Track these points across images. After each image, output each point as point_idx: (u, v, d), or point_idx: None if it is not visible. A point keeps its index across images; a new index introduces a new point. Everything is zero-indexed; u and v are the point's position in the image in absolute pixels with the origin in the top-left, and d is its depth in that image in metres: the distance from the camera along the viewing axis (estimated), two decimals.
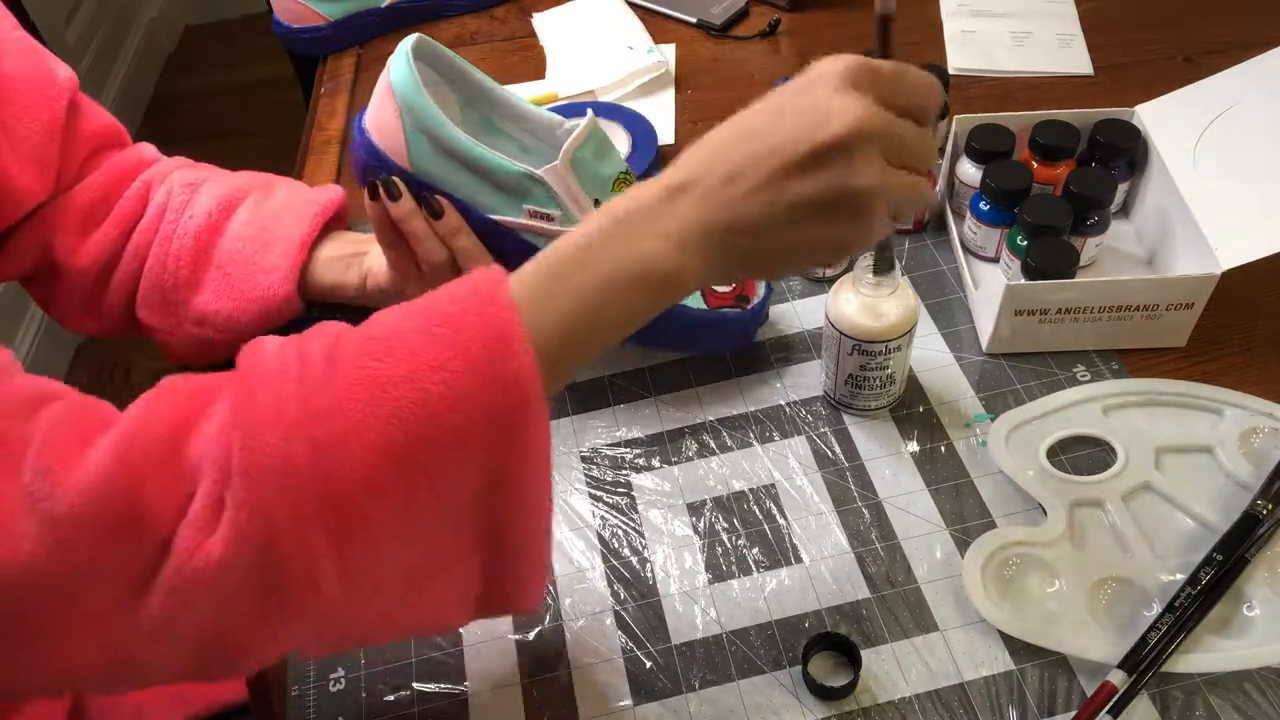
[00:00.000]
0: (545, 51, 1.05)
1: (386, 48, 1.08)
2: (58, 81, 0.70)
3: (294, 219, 0.72)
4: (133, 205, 0.72)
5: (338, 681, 0.59)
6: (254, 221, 0.72)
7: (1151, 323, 0.69)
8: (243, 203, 0.72)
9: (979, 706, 0.55)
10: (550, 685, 0.58)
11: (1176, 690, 0.55)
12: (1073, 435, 0.66)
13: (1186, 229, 0.70)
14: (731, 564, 0.62)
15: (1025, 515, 0.63)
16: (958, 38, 1.00)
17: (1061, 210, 0.70)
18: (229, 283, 0.70)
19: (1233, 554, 0.58)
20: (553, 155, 0.63)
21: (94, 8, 2.42)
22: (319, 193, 0.74)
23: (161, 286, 0.71)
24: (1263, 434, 0.64)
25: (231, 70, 2.67)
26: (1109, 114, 0.77)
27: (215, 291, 0.71)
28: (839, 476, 0.66)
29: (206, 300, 0.71)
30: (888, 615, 0.59)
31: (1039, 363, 0.70)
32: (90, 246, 0.71)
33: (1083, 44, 0.98)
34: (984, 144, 0.76)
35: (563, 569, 0.63)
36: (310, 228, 0.71)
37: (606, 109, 0.92)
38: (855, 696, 0.56)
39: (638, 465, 0.68)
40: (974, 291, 0.73)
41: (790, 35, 1.04)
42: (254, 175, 0.76)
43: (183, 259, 0.70)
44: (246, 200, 0.73)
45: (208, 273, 0.71)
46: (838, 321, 0.64)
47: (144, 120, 2.53)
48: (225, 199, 0.72)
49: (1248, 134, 0.71)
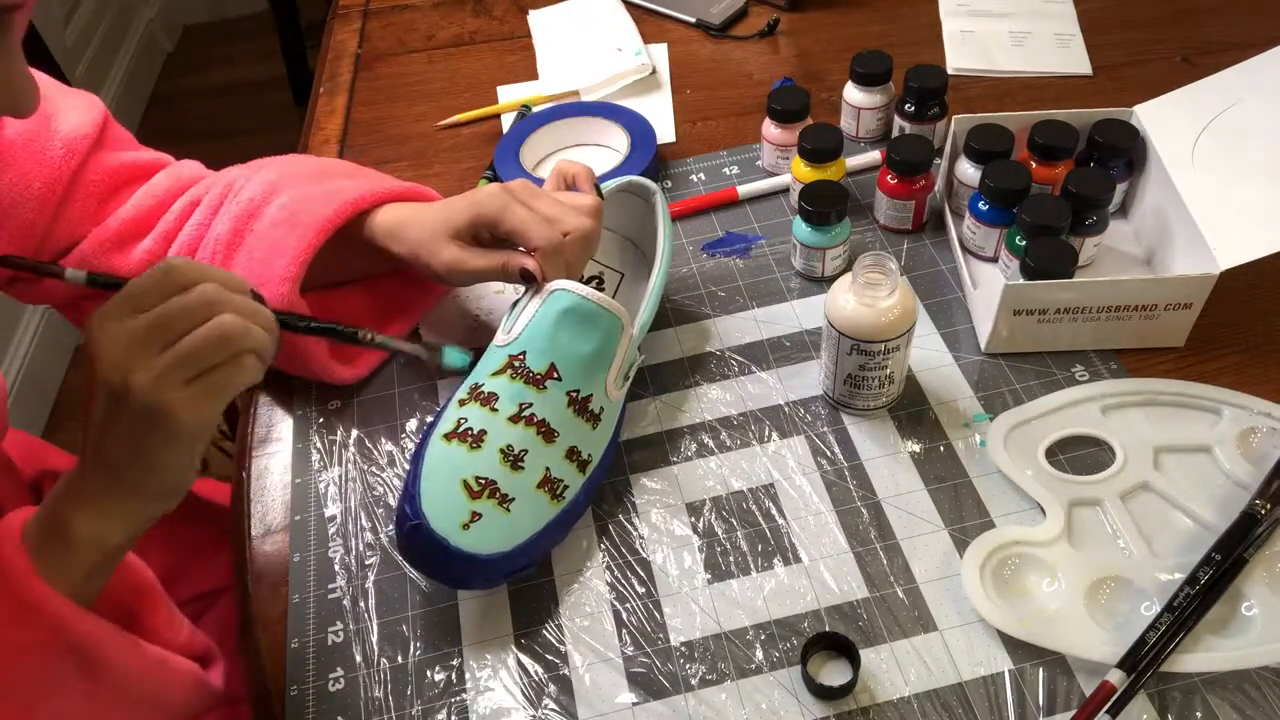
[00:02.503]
0: (536, 50, 1.05)
1: (386, 43, 1.09)
2: (53, 147, 0.68)
3: (325, 204, 0.69)
4: (178, 220, 0.71)
5: (337, 681, 0.59)
6: (289, 205, 0.69)
7: (1150, 323, 0.69)
8: (288, 188, 0.70)
9: (978, 706, 0.55)
10: (550, 686, 0.58)
11: (1175, 690, 0.55)
12: (1071, 435, 0.66)
13: (1185, 229, 0.70)
14: (730, 564, 0.62)
15: (1024, 515, 0.63)
16: (956, 38, 1.00)
17: (1060, 210, 0.70)
18: (252, 266, 0.68)
19: (1231, 554, 0.58)
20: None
21: (93, 8, 2.42)
22: (374, 182, 0.71)
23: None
24: (1261, 434, 0.65)
25: (231, 70, 2.67)
26: (1108, 114, 0.77)
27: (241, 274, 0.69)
28: (838, 476, 0.66)
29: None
30: (886, 615, 0.59)
31: (1038, 362, 0.70)
32: (136, 255, 0.70)
33: (1081, 44, 0.98)
34: (983, 144, 0.76)
35: (562, 569, 0.63)
36: (335, 213, 0.68)
37: (606, 109, 0.92)
38: (854, 696, 0.56)
39: (637, 465, 0.68)
40: (973, 291, 0.73)
41: (789, 35, 1.04)
42: (331, 162, 0.75)
43: (221, 241, 0.69)
44: (293, 187, 0.71)
45: (237, 254, 0.69)
46: (836, 321, 0.64)
47: (143, 120, 2.53)
48: (272, 184, 0.70)
49: (1246, 134, 0.72)
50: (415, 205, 0.70)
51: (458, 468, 0.60)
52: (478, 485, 0.59)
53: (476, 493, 0.59)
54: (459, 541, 0.57)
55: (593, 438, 0.63)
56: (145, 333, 0.49)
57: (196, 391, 0.49)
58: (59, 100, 0.70)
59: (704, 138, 0.93)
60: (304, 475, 0.69)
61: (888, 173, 0.79)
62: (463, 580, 0.60)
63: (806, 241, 0.76)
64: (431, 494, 0.59)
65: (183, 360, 0.49)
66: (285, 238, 0.67)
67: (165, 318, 0.49)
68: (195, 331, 0.49)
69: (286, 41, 2.39)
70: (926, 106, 0.85)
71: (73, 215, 0.70)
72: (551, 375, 0.62)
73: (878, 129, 0.89)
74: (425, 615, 0.62)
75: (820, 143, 0.79)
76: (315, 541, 0.66)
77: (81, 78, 2.26)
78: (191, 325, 0.49)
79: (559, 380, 0.62)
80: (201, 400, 0.50)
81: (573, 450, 0.62)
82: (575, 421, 0.62)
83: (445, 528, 0.57)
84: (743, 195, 0.85)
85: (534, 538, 0.60)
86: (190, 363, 0.49)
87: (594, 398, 0.63)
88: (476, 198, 0.67)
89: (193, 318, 0.49)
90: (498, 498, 0.59)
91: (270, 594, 0.64)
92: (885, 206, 0.80)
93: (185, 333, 0.49)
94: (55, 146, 0.68)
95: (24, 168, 0.66)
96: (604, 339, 0.63)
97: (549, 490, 0.61)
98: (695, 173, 0.89)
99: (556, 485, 0.61)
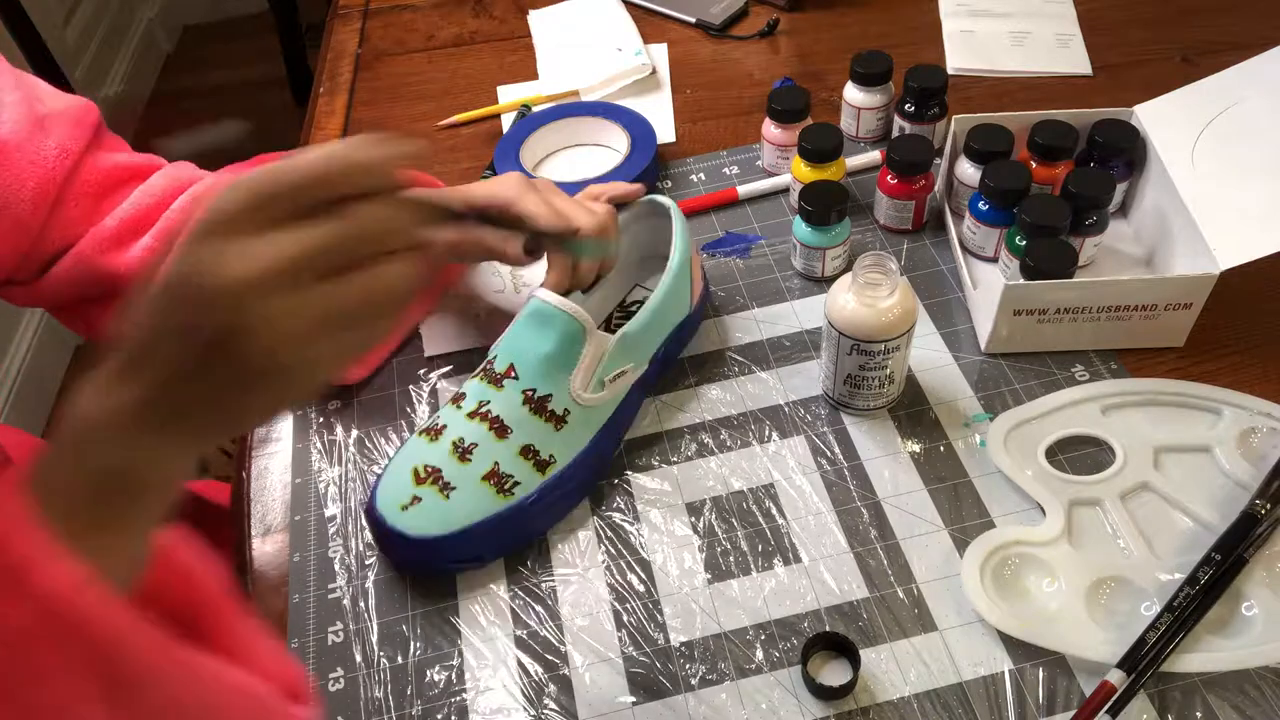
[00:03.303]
0: (536, 50, 1.05)
1: (386, 43, 1.09)
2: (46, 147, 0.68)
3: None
4: (180, 216, 0.71)
5: (337, 681, 0.59)
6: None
7: (1150, 323, 0.69)
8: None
9: (978, 706, 0.55)
10: (550, 685, 0.58)
11: (1175, 690, 0.55)
12: (1071, 435, 0.66)
13: (1185, 229, 0.70)
14: (730, 564, 0.62)
15: (1024, 515, 0.63)
16: (956, 38, 1.00)
17: (1060, 210, 0.70)
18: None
19: (1231, 553, 0.58)
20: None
21: (93, 8, 2.42)
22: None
23: None
24: (1261, 434, 0.65)
25: (231, 70, 2.67)
26: (1107, 114, 0.77)
27: None
28: (838, 476, 0.66)
29: None
30: (886, 615, 0.59)
31: (1038, 362, 0.71)
32: (134, 252, 0.70)
33: (1081, 44, 0.98)
34: (983, 144, 0.76)
35: (563, 569, 0.63)
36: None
37: (606, 109, 0.92)
38: (854, 696, 0.56)
39: (636, 465, 0.68)
40: (973, 291, 0.73)
41: (789, 35, 1.04)
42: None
43: None
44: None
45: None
46: (836, 321, 0.64)
47: (143, 120, 2.52)
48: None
49: (1246, 134, 0.72)
50: None
51: (413, 456, 0.64)
52: (425, 472, 0.62)
53: (422, 479, 0.62)
54: (395, 521, 0.61)
55: (555, 439, 0.64)
56: (299, 259, 0.35)
57: (342, 349, 0.38)
58: (52, 102, 0.70)
59: (704, 138, 0.93)
60: (304, 475, 0.69)
61: (888, 173, 0.79)
62: (403, 559, 0.63)
63: (806, 241, 0.76)
64: (387, 479, 0.63)
65: (346, 314, 0.37)
66: None
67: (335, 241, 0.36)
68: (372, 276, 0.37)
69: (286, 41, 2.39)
70: (926, 106, 0.85)
71: (67, 216, 0.70)
72: (509, 374, 0.64)
73: (878, 129, 0.89)
74: (425, 615, 0.62)
75: (820, 143, 0.79)
76: (315, 541, 0.66)
77: (81, 78, 2.26)
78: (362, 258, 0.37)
79: (515, 379, 0.64)
80: (342, 361, 0.38)
81: (528, 449, 0.63)
82: (531, 420, 0.63)
83: (386, 507, 0.62)
84: (743, 195, 0.85)
85: (474, 527, 0.61)
86: (352, 318, 0.37)
87: (554, 398, 0.63)
88: (495, 182, 0.69)
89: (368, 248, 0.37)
90: (439, 485, 0.62)
91: (270, 594, 0.64)
92: (885, 206, 0.80)
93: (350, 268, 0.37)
94: (49, 146, 0.68)
95: (17, 168, 0.67)
96: (561, 340, 0.63)
97: (495, 484, 0.62)
98: (695, 173, 0.89)
99: (505, 480, 0.62)
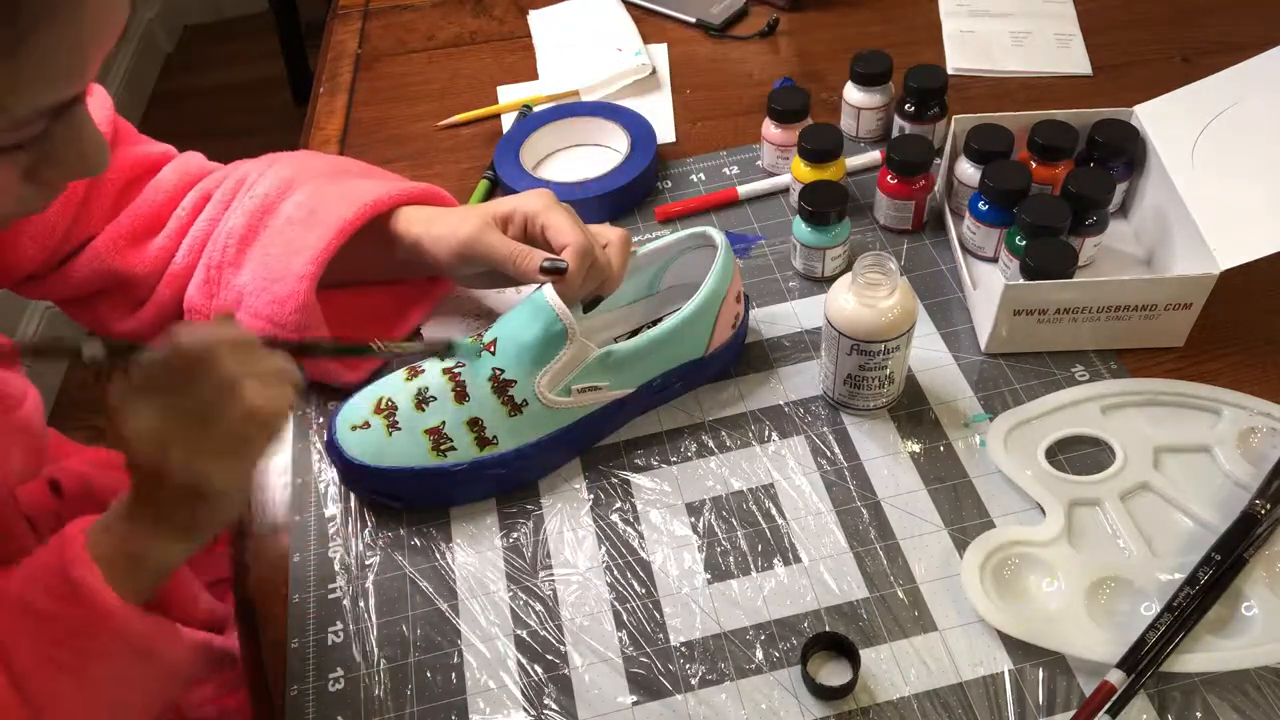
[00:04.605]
0: (536, 50, 1.05)
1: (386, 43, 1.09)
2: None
3: (344, 204, 0.69)
4: (190, 214, 0.72)
5: (337, 681, 0.59)
6: (306, 203, 0.69)
7: (1150, 323, 0.69)
8: (303, 185, 0.71)
9: (977, 706, 0.55)
10: (550, 686, 0.58)
11: (1175, 690, 0.55)
12: (1071, 435, 0.66)
13: (1185, 229, 0.70)
14: (730, 564, 0.62)
15: (1024, 515, 0.63)
16: (956, 37, 1.00)
17: (1060, 210, 0.70)
18: (268, 262, 0.68)
19: (1231, 554, 0.58)
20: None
21: None
22: (390, 185, 0.72)
23: (208, 265, 0.70)
24: (1261, 434, 0.65)
25: (231, 70, 2.67)
26: (1107, 114, 0.77)
27: (254, 272, 0.69)
28: (838, 476, 0.66)
29: (245, 280, 0.69)
30: (886, 615, 0.59)
31: (1037, 362, 0.71)
32: (150, 252, 0.71)
33: (1081, 44, 0.98)
34: (983, 144, 0.76)
35: (563, 569, 0.63)
36: (355, 214, 0.68)
37: (606, 109, 0.92)
38: (854, 696, 0.56)
39: (636, 465, 0.68)
40: (973, 291, 0.73)
41: (789, 35, 1.04)
42: (345, 160, 0.76)
43: (234, 235, 0.69)
44: (309, 183, 0.71)
45: (251, 249, 0.69)
46: (836, 321, 0.64)
47: (143, 120, 2.52)
48: (287, 180, 0.71)
49: (1246, 134, 0.72)
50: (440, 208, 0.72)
51: (385, 386, 0.68)
52: (384, 405, 0.66)
53: (380, 410, 0.66)
54: (341, 436, 0.66)
55: (505, 424, 0.65)
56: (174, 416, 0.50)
57: (232, 460, 0.52)
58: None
59: (704, 138, 0.93)
60: (304, 475, 0.69)
61: (888, 173, 0.79)
62: (342, 473, 0.67)
63: (806, 241, 0.76)
64: (357, 397, 0.68)
65: (216, 443, 0.51)
66: (304, 235, 0.68)
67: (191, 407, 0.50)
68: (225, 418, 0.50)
69: (286, 41, 2.39)
70: (926, 106, 0.85)
71: (91, 213, 0.70)
72: (490, 349, 0.65)
73: (878, 129, 0.89)
74: (425, 615, 0.62)
75: (820, 143, 0.79)
76: (315, 541, 0.66)
77: None
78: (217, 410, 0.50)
79: (492, 355, 0.65)
80: (237, 466, 0.52)
81: (475, 421, 0.65)
82: (490, 398, 0.65)
83: (342, 420, 0.67)
84: (743, 195, 0.85)
85: (399, 470, 0.64)
86: (224, 442, 0.51)
87: (518, 386, 0.64)
88: (520, 197, 0.70)
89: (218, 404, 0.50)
90: (390, 421, 0.65)
91: (270, 594, 0.64)
92: (885, 206, 0.80)
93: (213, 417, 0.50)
94: None
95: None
96: (543, 335, 0.63)
97: (434, 441, 0.65)
98: (695, 173, 0.89)
99: (443, 441, 0.64)
